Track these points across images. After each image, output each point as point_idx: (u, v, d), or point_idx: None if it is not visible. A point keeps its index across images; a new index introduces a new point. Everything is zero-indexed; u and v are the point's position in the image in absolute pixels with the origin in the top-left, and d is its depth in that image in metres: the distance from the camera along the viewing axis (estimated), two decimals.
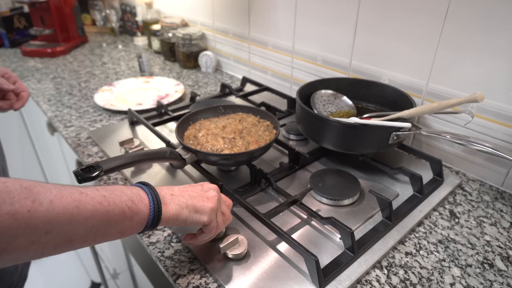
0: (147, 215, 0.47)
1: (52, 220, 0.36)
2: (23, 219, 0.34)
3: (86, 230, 0.40)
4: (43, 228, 0.36)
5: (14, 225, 0.33)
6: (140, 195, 0.47)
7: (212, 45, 1.48)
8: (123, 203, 0.44)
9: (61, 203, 0.37)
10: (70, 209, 0.38)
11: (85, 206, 0.39)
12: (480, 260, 0.62)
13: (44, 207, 0.36)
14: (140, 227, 0.47)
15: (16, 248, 0.34)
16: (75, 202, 0.39)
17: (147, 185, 0.50)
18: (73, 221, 0.38)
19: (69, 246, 0.39)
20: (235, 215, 0.68)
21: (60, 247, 0.38)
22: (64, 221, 0.37)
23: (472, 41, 0.74)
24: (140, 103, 1.14)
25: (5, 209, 0.33)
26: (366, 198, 0.73)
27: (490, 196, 0.77)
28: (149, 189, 0.49)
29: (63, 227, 0.37)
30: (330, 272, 0.56)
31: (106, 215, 0.41)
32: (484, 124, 0.78)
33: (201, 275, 0.58)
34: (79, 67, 1.49)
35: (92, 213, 0.40)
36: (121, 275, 1.34)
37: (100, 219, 0.41)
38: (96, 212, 0.40)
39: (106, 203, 0.42)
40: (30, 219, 0.35)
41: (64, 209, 0.37)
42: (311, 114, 0.78)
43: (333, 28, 0.99)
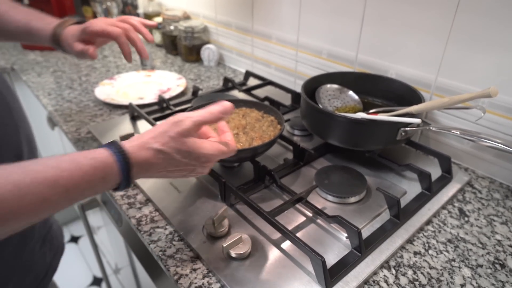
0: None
1: None
2: None
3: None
4: None
5: None
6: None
7: (215, 38, 1.46)
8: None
9: (20, 223, 0.36)
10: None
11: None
12: (491, 260, 0.60)
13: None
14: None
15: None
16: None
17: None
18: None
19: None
20: (239, 213, 0.67)
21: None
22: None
23: (484, 34, 0.71)
24: (142, 97, 1.12)
25: None
26: (373, 196, 0.71)
27: (500, 194, 0.75)
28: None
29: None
30: (337, 273, 0.54)
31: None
32: (494, 120, 0.76)
33: (204, 275, 0.56)
34: (80, 60, 1.47)
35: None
36: (123, 271, 1.33)
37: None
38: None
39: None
40: None
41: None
42: (316, 109, 0.76)
43: (339, 20, 0.97)
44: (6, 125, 0.53)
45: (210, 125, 0.59)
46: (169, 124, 0.47)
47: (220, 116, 0.50)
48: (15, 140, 0.54)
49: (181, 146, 0.47)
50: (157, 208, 0.69)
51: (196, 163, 0.50)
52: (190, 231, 0.63)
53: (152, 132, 0.47)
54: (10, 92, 0.57)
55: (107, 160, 0.43)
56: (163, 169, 0.48)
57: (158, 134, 0.47)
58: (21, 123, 0.57)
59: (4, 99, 0.53)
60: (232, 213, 0.67)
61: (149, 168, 0.46)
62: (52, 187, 0.37)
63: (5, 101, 0.53)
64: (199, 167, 0.51)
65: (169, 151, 0.46)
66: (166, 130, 0.47)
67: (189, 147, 0.48)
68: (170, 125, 0.47)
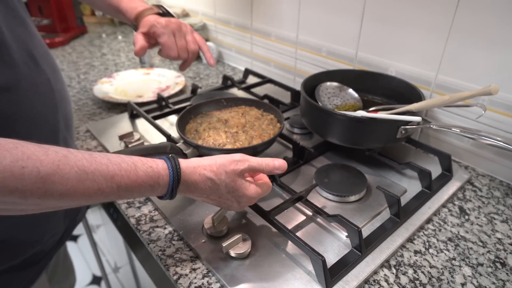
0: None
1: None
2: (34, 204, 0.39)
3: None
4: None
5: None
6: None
7: (214, 35, 1.45)
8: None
9: (72, 201, 0.41)
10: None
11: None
12: (492, 258, 0.60)
13: (53, 198, 0.39)
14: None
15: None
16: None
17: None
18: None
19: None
20: (238, 212, 0.66)
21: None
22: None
23: (484, 31, 0.71)
24: (140, 96, 1.11)
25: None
26: (373, 194, 0.71)
27: (500, 192, 0.75)
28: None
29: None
30: (337, 272, 0.54)
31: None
32: (495, 118, 0.75)
33: (203, 274, 0.56)
34: (78, 58, 1.46)
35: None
36: (122, 269, 1.33)
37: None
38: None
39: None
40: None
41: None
42: (316, 107, 0.76)
43: (338, 17, 0.96)
44: (47, 105, 0.56)
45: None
46: (228, 160, 0.52)
47: (274, 172, 0.56)
48: (53, 118, 0.58)
49: (230, 182, 0.52)
50: (156, 207, 0.68)
51: (235, 201, 0.54)
52: (189, 230, 0.62)
53: (210, 161, 0.52)
54: (55, 74, 0.61)
55: (162, 173, 0.47)
56: (206, 195, 0.52)
57: (215, 164, 0.51)
58: (61, 103, 0.61)
59: (48, 81, 0.57)
60: (231, 212, 0.66)
61: (194, 190, 0.51)
62: (109, 181, 0.42)
63: (49, 84, 0.57)
64: (236, 204, 0.55)
65: (219, 182, 0.51)
66: (224, 164, 0.52)
67: (237, 186, 0.52)
68: (229, 161, 0.52)
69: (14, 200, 0.37)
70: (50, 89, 0.58)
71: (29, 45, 0.55)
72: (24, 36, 0.55)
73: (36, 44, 0.58)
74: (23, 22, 0.56)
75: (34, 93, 0.54)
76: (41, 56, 0.57)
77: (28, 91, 0.53)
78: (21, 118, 0.52)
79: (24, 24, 0.57)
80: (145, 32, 0.71)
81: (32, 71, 0.54)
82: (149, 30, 0.71)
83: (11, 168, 0.35)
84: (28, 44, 0.55)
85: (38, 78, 0.55)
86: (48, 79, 0.57)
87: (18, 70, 0.51)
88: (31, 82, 0.53)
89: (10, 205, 0.38)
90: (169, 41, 0.70)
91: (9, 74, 0.49)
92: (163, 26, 0.70)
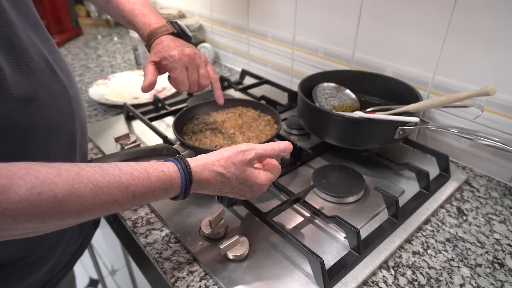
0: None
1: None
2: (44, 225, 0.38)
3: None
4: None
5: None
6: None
7: (210, 37, 1.45)
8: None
9: (90, 217, 0.41)
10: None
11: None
12: (490, 259, 0.60)
13: (72, 218, 0.39)
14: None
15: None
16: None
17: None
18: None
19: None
20: (236, 214, 0.66)
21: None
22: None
23: (482, 31, 0.71)
24: (136, 97, 1.11)
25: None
26: (371, 195, 0.71)
27: (498, 192, 0.75)
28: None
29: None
30: (336, 274, 0.54)
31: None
32: (492, 118, 0.75)
33: (201, 277, 0.55)
34: (73, 60, 1.45)
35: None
36: (119, 272, 1.32)
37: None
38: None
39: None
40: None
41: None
42: (313, 108, 0.75)
43: (335, 18, 0.96)
44: (64, 113, 0.55)
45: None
46: (234, 151, 0.52)
47: (281, 155, 0.56)
48: (71, 127, 0.57)
49: (240, 173, 0.52)
50: (153, 209, 0.68)
51: (248, 190, 0.55)
52: (186, 233, 0.62)
53: (217, 155, 0.52)
54: (70, 80, 0.58)
55: (174, 175, 0.47)
56: (218, 189, 0.52)
57: (222, 158, 0.51)
58: (78, 110, 0.59)
59: (64, 89, 0.55)
60: (229, 214, 0.66)
61: (206, 187, 0.51)
62: (124, 192, 0.42)
63: (66, 91, 0.55)
64: (250, 193, 0.55)
65: (229, 175, 0.51)
66: (231, 156, 0.52)
67: (247, 175, 0.53)
68: (236, 153, 0.52)
69: (33, 226, 0.36)
70: (67, 96, 0.55)
71: (44, 51, 0.52)
72: (38, 41, 0.52)
73: (50, 49, 0.55)
74: (35, 26, 0.53)
75: (52, 102, 0.52)
76: (56, 62, 0.55)
77: (46, 101, 0.50)
78: (40, 129, 0.50)
79: (37, 28, 0.53)
80: (157, 62, 0.68)
81: (49, 78, 0.51)
82: (161, 62, 0.67)
83: (28, 197, 0.34)
84: (43, 50, 0.52)
85: (55, 86, 0.53)
86: (64, 86, 0.55)
87: (36, 79, 0.48)
88: (48, 90, 0.51)
89: (29, 229, 0.37)
90: (181, 76, 0.67)
91: (28, 85, 0.47)
92: (176, 60, 0.66)
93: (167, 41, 0.70)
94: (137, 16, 0.73)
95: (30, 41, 0.49)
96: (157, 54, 0.68)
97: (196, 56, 0.69)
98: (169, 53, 0.66)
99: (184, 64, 0.67)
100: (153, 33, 0.71)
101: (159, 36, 0.70)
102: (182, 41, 0.72)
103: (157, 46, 0.69)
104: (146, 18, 0.72)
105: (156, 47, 0.70)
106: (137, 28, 0.74)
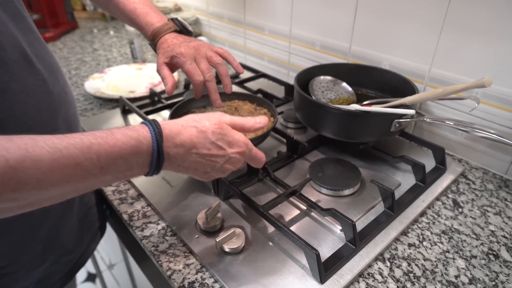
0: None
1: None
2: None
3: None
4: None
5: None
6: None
7: (207, 30, 1.44)
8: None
9: (53, 188, 0.38)
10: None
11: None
12: (485, 251, 0.60)
13: (30, 187, 0.35)
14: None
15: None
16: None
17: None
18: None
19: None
20: (232, 207, 0.66)
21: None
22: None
23: (478, 23, 0.71)
24: (133, 91, 1.10)
25: None
26: (367, 188, 0.71)
27: (494, 185, 0.75)
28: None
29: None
30: (332, 266, 0.54)
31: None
32: (488, 110, 0.75)
33: (197, 270, 0.56)
34: (69, 54, 1.44)
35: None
36: (117, 266, 1.32)
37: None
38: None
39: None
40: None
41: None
42: (309, 101, 0.75)
43: (332, 11, 0.95)
44: (42, 109, 0.53)
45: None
46: (210, 114, 0.52)
47: (256, 126, 0.55)
48: (51, 124, 0.54)
49: (217, 128, 0.50)
50: (149, 203, 0.68)
51: (228, 149, 0.50)
52: (183, 226, 0.62)
53: (192, 115, 0.51)
54: (54, 75, 0.57)
55: (141, 129, 0.44)
56: (195, 150, 0.48)
57: (197, 116, 0.50)
58: (62, 107, 0.57)
59: (44, 83, 0.53)
60: (225, 207, 0.66)
61: (181, 143, 0.47)
62: (86, 152, 0.38)
63: (46, 86, 0.53)
64: (226, 163, 0.51)
65: (204, 129, 0.49)
66: (206, 115, 0.51)
67: (224, 131, 0.50)
68: (212, 114, 0.52)
69: None
70: (47, 91, 0.53)
71: (22, 42, 0.50)
72: (17, 32, 0.50)
73: (32, 41, 0.54)
74: (16, 17, 0.51)
75: (26, 96, 0.50)
76: (37, 55, 0.53)
77: (18, 94, 0.48)
78: (11, 124, 0.48)
79: (18, 19, 0.52)
80: (167, 62, 0.70)
81: (23, 71, 0.49)
82: (171, 61, 0.69)
83: None
84: (21, 41, 0.50)
85: (30, 80, 0.51)
86: (43, 80, 0.53)
87: (5, 70, 0.47)
88: (22, 83, 0.49)
89: None
90: (192, 68, 0.68)
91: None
92: (183, 55, 0.68)
93: (170, 39, 0.71)
94: (139, 15, 0.74)
95: (5, 31, 0.48)
96: (165, 54, 0.70)
97: (201, 46, 0.71)
98: (176, 51, 0.68)
99: (192, 57, 0.69)
100: (156, 32, 0.73)
101: (163, 35, 0.72)
102: (185, 36, 0.74)
103: (163, 46, 0.71)
104: (148, 17, 0.74)
105: (161, 46, 0.71)
106: (140, 28, 0.75)
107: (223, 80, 0.71)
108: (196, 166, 0.50)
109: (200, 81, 0.68)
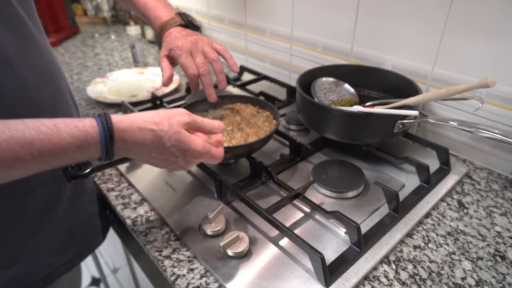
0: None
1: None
2: None
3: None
4: None
5: None
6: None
7: (208, 33, 1.44)
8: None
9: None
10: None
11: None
12: (492, 252, 0.60)
13: None
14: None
15: None
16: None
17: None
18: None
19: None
20: (235, 210, 0.66)
21: None
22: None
23: (481, 23, 0.70)
24: (134, 95, 1.10)
25: None
26: (371, 190, 0.70)
27: (499, 185, 0.75)
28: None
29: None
30: (337, 269, 0.53)
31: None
32: (492, 110, 0.75)
33: (201, 274, 0.55)
34: (71, 59, 1.44)
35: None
36: (121, 271, 1.32)
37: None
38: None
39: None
40: None
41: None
42: (312, 103, 0.75)
43: (333, 12, 0.95)
44: (17, 115, 0.51)
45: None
46: (172, 112, 0.49)
47: (214, 131, 0.55)
48: None
49: (175, 134, 0.48)
50: (152, 207, 0.67)
51: (180, 156, 0.50)
52: (186, 230, 0.61)
53: (152, 113, 0.49)
54: (42, 81, 0.56)
55: (90, 131, 0.43)
56: (147, 152, 0.48)
57: (157, 115, 0.48)
58: (47, 113, 0.55)
59: (24, 89, 0.52)
60: (228, 211, 0.66)
61: (132, 146, 0.46)
62: (27, 148, 0.38)
63: (25, 91, 0.53)
64: (182, 161, 0.51)
65: (162, 134, 0.47)
66: (168, 115, 0.49)
67: (181, 137, 0.49)
68: (174, 113, 0.49)
69: None
70: (27, 98, 0.52)
71: (6, 46, 0.49)
72: (4, 36, 0.49)
73: (24, 47, 0.52)
74: (15, 21, 0.51)
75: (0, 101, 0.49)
76: (26, 60, 0.52)
77: None
78: None
79: (16, 23, 0.51)
80: (167, 55, 0.72)
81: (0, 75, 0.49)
82: (169, 54, 0.71)
83: None
84: (6, 45, 0.49)
85: (7, 84, 0.49)
86: (24, 85, 0.52)
87: None
88: None
89: None
90: (187, 61, 0.69)
91: None
92: (180, 48, 0.69)
93: (174, 32, 0.73)
94: (149, 9, 0.76)
95: None
96: (166, 47, 0.72)
97: (199, 41, 0.72)
98: (174, 44, 0.70)
99: (188, 50, 0.70)
100: (163, 26, 0.74)
101: (168, 29, 0.74)
102: (189, 30, 0.75)
103: (166, 39, 0.73)
104: (157, 11, 0.76)
105: (165, 40, 0.73)
106: (149, 21, 0.78)
107: (217, 77, 0.72)
108: (147, 161, 0.50)
109: (193, 75, 0.69)
